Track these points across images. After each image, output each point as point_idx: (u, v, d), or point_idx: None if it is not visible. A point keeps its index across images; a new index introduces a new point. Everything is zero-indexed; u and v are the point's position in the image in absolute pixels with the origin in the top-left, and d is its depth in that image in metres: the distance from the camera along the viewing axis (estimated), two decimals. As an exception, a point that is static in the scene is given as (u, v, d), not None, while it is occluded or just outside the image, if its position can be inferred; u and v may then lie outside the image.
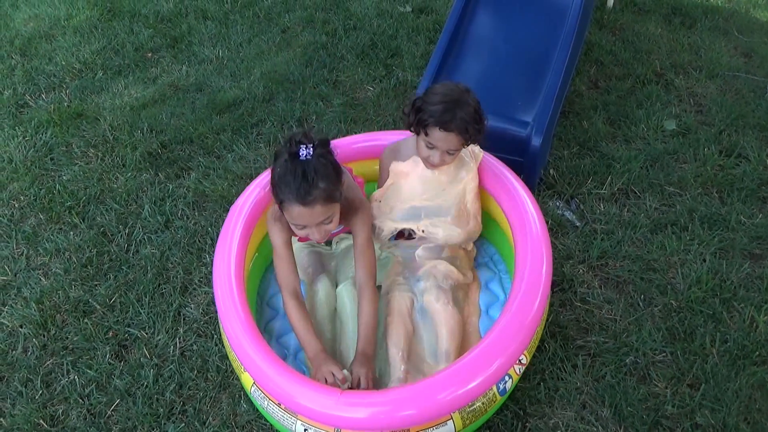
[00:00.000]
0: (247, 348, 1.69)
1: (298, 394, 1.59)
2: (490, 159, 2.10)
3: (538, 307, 1.71)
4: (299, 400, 1.59)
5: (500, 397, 1.65)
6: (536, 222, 1.89)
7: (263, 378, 1.65)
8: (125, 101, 3.23)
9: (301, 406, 1.59)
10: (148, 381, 1.95)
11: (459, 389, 1.56)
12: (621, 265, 2.19)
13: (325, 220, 1.72)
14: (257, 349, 1.68)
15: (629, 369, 1.89)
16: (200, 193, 2.62)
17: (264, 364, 1.65)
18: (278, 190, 1.68)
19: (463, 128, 1.82)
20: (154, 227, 2.49)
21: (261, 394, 1.68)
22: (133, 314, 2.17)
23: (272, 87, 3.21)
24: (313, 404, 1.57)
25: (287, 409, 1.63)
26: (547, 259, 1.80)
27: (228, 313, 1.77)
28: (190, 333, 2.09)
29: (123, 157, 2.86)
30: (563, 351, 1.93)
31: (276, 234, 1.87)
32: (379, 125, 2.91)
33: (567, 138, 2.73)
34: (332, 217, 1.73)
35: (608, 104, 2.91)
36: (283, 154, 1.67)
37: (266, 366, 1.64)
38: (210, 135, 2.95)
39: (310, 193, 1.64)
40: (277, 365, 1.64)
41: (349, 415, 1.55)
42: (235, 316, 1.75)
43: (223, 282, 1.84)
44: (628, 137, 2.74)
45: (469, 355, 1.62)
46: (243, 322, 1.73)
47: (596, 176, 2.54)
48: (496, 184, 2.04)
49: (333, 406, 1.55)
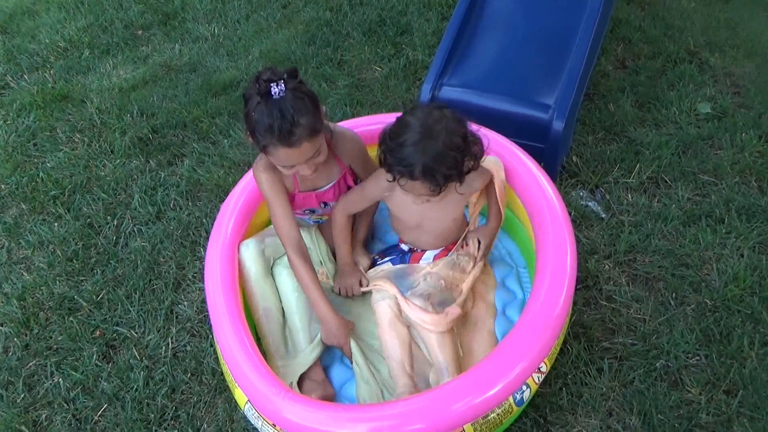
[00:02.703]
0: (241, 363, 1.66)
1: (296, 415, 1.55)
2: (507, 145, 2.07)
3: (561, 307, 1.67)
4: (298, 420, 1.55)
5: (517, 408, 1.62)
6: (559, 213, 1.86)
7: (259, 398, 1.62)
8: (113, 82, 3.22)
9: (299, 426, 1.56)
10: (138, 384, 1.94)
11: (471, 400, 1.52)
12: (650, 260, 2.16)
13: (314, 155, 1.73)
14: (252, 365, 1.64)
15: (660, 373, 1.86)
16: (194, 182, 2.61)
17: (260, 382, 1.61)
18: (259, 137, 1.67)
19: (429, 175, 1.62)
20: (144, 218, 2.48)
21: (255, 414, 1.66)
22: (121, 312, 2.16)
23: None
24: (312, 423, 1.54)
25: (283, 430, 1.60)
26: (571, 254, 1.76)
27: (220, 321, 1.74)
28: (183, 333, 2.08)
29: (111, 143, 2.84)
30: (587, 353, 1.90)
31: (267, 185, 1.87)
32: (387, 108, 2.88)
33: (591, 122, 2.70)
34: (320, 149, 1.74)
35: (637, 85, 2.87)
36: (253, 96, 1.65)
37: (262, 385, 1.61)
38: (205, 119, 2.93)
39: (293, 133, 1.63)
40: (273, 383, 1.61)
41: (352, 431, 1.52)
42: (228, 326, 1.72)
43: (215, 286, 1.82)
44: (659, 121, 2.70)
45: (484, 362, 1.59)
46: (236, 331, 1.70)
47: (623, 164, 2.50)
48: (514, 173, 2.01)
49: (333, 423, 1.53)
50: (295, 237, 1.88)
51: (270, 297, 1.94)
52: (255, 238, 2.00)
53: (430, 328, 1.81)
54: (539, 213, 1.89)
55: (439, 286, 1.93)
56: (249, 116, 1.68)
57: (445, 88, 2.45)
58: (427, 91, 2.45)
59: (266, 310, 1.92)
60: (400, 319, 1.85)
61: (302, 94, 1.67)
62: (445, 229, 1.98)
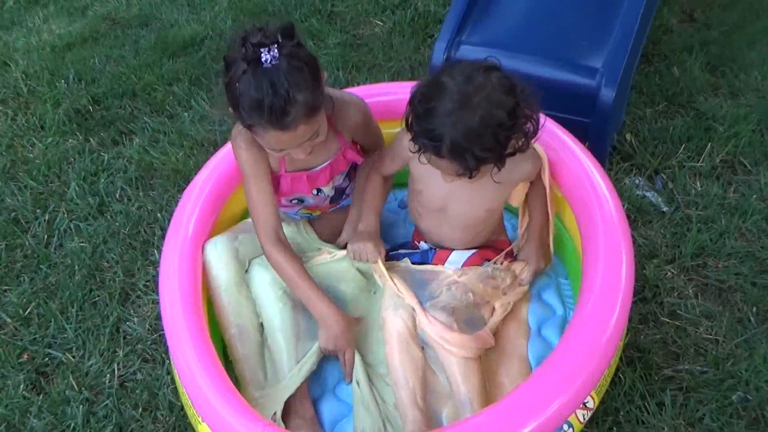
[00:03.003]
0: (206, 391, 1.65)
1: None
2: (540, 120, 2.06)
3: (614, 327, 1.67)
4: None
5: (555, 453, 1.63)
6: (611, 207, 1.85)
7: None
8: (44, 40, 3.22)
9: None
10: (76, 422, 1.95)
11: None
12: (725, 265, 2.17)
13: (312, 137, 1.73)
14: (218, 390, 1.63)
15: (737, 409, 1.86)
16: (146, 166, 2.61)
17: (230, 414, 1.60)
18: (243, 114, 1.67)
19: (458, 155, 1.62)
20: (83, 212, 2.49)
21: None
22: (55, 331, 2.17)
23: (244, 21, 3.18)
24: None
25: None
26: (627, 259, 1.76)
27: (179, 340, 1.74)
28: (133, 357, 2.08)
29: (41, 117, 2.85)
30: (644, 384, 1.91)
31: (248, 163, 1.87)
32: (390, 74, 2.88)
33: (650, 91, 2.70)
34: (319, 130, 1.74)
35: (708, 43, 2.87)
36: (238, 63, 1.64)
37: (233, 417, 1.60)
38: (160, 86, 2.93)
39: (287, 113, 1.62)
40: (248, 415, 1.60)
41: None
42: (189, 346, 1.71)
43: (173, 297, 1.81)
44: (736, 89, 2.70)
45: (514, 394, 1.59)
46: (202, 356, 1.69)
47: (691, 143, 2.51)
48: (552, 156, 2.01)
49: None
50: (273, 225, 1.89)
51: (245, 311, 1.94)
52: (226, 234, 2.00)
53: (453, 351, 1.80)
54: (585, 208, 1.89)
55: (467, 300, 1.91)
56: (231, 86, 1.67)
57: (463, 47, 2.45)
58: (441, 51, 2.45)
59: (240, 329, 1.92)
60: (414, 338, 1.85)
61: (300, 62, 1.65)
62: (474, 220, 1.95)
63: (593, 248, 1.80)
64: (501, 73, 1.64)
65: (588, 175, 1.94)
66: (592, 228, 1.84)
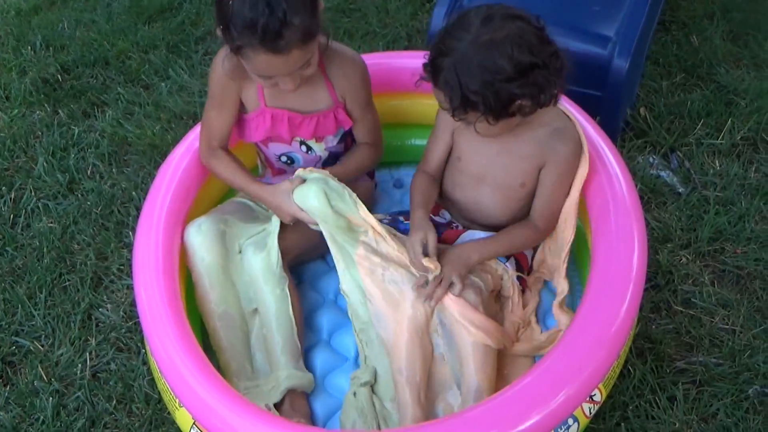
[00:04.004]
0: (183, 371, 1.67)
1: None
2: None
3: (624, 316, 1.69)
4: None
5: (561, 447, 1.65)
6: (622, 186, 1.87)
7: (208, 415, 1.64)
8: (8, 2, 3.20)
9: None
10: (46, 414, 1.96)
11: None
12: (744, 251, 2.19)
13: (303, 66, 1.77)
14: (197, 372, 1.66)
15: (753, 403, 1.88)
16: (120, 140, 2.62)
17: (207, 391, 1.63)
18: (234, 33, 1.70)
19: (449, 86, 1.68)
20: (52, 191, 2.49)
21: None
22: (22, 317, 2.18)
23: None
24: None
25: None
26: (639, 243, 1.77)
27: (156, 321, 1.76)
28: (106, 345, 2.10)
29: (6, 87, 2.84)
30: (655, 377, 1.93)
31: (218, 84, 1.95)
32: (385, 41, 2.88)
33: (667, 61, 2.71)
34: (311, 59, 1.78)
35: (729, 9, 2.87)
36: None
37: (211, 394, 1.63)
38: (134, 54, 2.93)
39: (281, 35, 1.66)
40: (226, 393, 1.63)
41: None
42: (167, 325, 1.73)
43: (149, 273, 1.83)
44: (760, 60, 2.71)
45: (515, 385, 1.60)
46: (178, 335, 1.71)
47: (710, 119, 2.52)
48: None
49: None
50: (219, 138, 2.00)
51: (231, 299, 1.96)
52: (211, 216, 2.01)
53: (476, 334, 1.79)
54: (595, 188, 1.90)
55: (487, 283, 1.91)
56: (224, 3, 1.70)
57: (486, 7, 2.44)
58: (440, 17, 2.45)
59: (224, 317, 1.93)
60: (428, 332, 1.87)
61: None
62: (510, 191, 1.95)
63: (603, 232, 1.82)
64: (529, 26, 1.68)
65: (598, 152, 1.95)
66: (603, 210, 1.85)
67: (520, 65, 1.64)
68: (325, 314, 2.07)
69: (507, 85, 1.65)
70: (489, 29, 1.65)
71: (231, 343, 1.91)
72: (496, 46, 1.63)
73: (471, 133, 1.78)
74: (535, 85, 1.67)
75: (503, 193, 1.96)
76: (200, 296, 1.94)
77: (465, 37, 1.65)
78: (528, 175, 1.91)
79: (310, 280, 2.15)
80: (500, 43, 1.63)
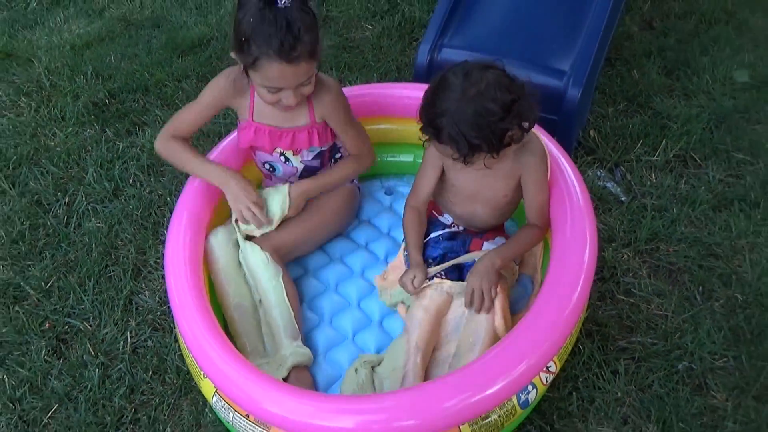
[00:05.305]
0: (204, 345, 1.68)
1: (270, 402, 1.58)
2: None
3: (576, 301, 1.69)
4: (272, 408, 1.58)
5: (521, 411, 1.65)
6: (578, 194, 1.87)
7: (225, 383, 1.65)
8: (65, 39, 3.19)
9: (275, 416, 1.58)
10: (93, 383, 1.96)
11: (468, 398, 1.54)
12: (675, 249, 2.18)
13: (305, 81, 1.80)
14: (216, 345, 1.66)
15: (682, 376, 1.88)
16: (157, 155, 2.59)
17: (225, 364, 1.64)
18: (253, 45, 1.72)
19: (454, 141, 1.67)
20: (100, 196, 2.48)
21: (224, 406, 1.68)
22: (74, 302, 2.17)
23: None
24: (290, 413, 1.56)
25: (258, 420, 1.63)
26: (591, 243, 1.78)
27: (183, 304, 1.76)
28: (144, 326, 2.09)
29: (62, 109, 2.83)
30: (601, 354, 1.93)
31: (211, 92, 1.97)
32: (379, 73, 2.88)
33: (612, 91, 2.71)
34: (311, 78, 1.82)
35: (665, 49, 2.87)
36: (252, 2, 1.71)
37: (229, 367, 1.63)
38: (169, 82, 2.92)
39: (295, 48, 1.70)
40: (242, 366, 1.63)
41: (334, 424, 1.55)
42: (191, 307, 1.74)
43: (177, 265, 1.83)
44: (689, 91, 2.71)
45: (485, 356, 1.61)
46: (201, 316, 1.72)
47: (647, 139, 2.52)
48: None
49: (315, 413, 1.55)
50: (182, 130, 2.02)
51: (244, 291, 1.96)
52: (226, 227, 2.03)
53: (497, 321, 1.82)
54: (556, 195, 1.90)
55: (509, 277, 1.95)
56: (243, 23, 1.72)
57: (445, 49, 2.45)
58: (425, 52, 2.45)
59: (239, 308, 1.93)
60: (440, 320, 1.87)
61: (308, 9, 1.74)
62: (498, 203, 1.98)
63: (561, 232, 1.82)
64: (499, 71, 1.69)
65: (559, 165, 1.95)
66: (561, 214, 1.86)
67: (505, 104, 1.65)
68: (327, 300, 2.06)
69: (500, 123, 1.65)
70: (472, 83, 1.65)
71: (246, 329, 1.92)
72: (483, 95, 1.64)
73: (460, 165, 1.77)
74: (518, 115, 1.68)
75: (491, 205, 1.98)
76: (219, 291, 1.96)
77: (453, 96, 1.66)
78: (509, 188, 1.93)
79: (313, 271, 2.14)
80: (486, 92, 1.65)
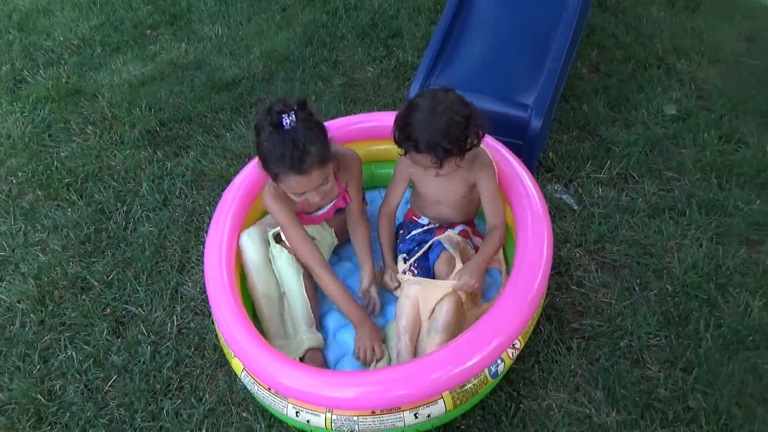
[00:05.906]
0: (234, 332, 1.69)
1: (286, 378, 1.59)
2: (490, 141, 2.09)
3: (537, 289, 1.70)
4: (288, 383, 1.59)
5: (492, 380, 1.65)
6: (537, 204, 1.88)
7: (251, 362, 1.65)
8: (124, 78, 3.20)
9: (291, 389, 1.59)
10: (145, 358, 1.96)
11: (449, 371, 1.56)
12: (618, 249, 2.19)
13: (323, 183, 1.75)
14: (244, 332, 1.67)
15: (623, 352, 1.89)
16: (198, 172, 2.61)
17: (251, 348, 1.64)
18: (271, 165, 1.69)
19: (431, 149, 1.69)
20: (152, 205, 2.48)
21: (251, 380, 1.68)
22: (130, 291, 2.17)
23: (272, 66, 3.18)
24: (302, 387, 1.58)
25: (278, 393, 1.63)
26: (548, 243, 1.78)
27: (217, 299, 1.76)
28: (188, 311, 2.09)
29: (121, 135, 2.84)
30: (558, 334, 1.93)
31: (279, 212, 1.88)
32: (378, 106, 2.88)
33: (567, 121, 2.71)
34: (328, 177, 1.77)
35: (609, 88, 2.88)
36: (265, 127, 1.67)
37: (254, 350, 1.64)
38: (209, 114, 2.92)
39: (304, 161, 1.65)
40: (264, 349, 1.64)
41: (339, 395, 1.56)
42: (224, 300, 1.74)
43: (213, 264, 1.83)
44: (628, 121, 2.72)
45: (463, 336, 1.61)
46: (232, 306, 1.72)
47: (595, 160, 2.52)
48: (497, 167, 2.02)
49: (323, 386, 1.56)
50: (318, 256, 1.90)
51: (272, 285, 1.95)
52: (257, 227, 2.00)
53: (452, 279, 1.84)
54: (519, 205, 1.91)
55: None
56: (261, 146, 1.68)
57: (432, 87, 2.45)
58: (416, 89, 2.45)
59: (267, 298, 1.92)
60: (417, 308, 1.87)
61: (312, 124, 1.67)
62: (458, 203, 2.01)
63: (524, 234, 1.83)
64: (455, 94, 1.75)
65: (522, 180, 1.97)
66: (523, 219, 1.87)
67: (466, 116, 1.71)
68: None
69: (465, 131, 1.71)
70: (438, 102, 1.70)
71: (270, 315, 1.91)
72: (450, 109, 1.69)
73: (426, 177, 1.83)
74: (475, 125, 1.73)
75: (454, 206, 2.02)
76: (250, 283, 1.95)
77: (423, 116, 1.69)
78: (466, 191, 1.97)
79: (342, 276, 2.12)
80: (451, 107, 1.69)
